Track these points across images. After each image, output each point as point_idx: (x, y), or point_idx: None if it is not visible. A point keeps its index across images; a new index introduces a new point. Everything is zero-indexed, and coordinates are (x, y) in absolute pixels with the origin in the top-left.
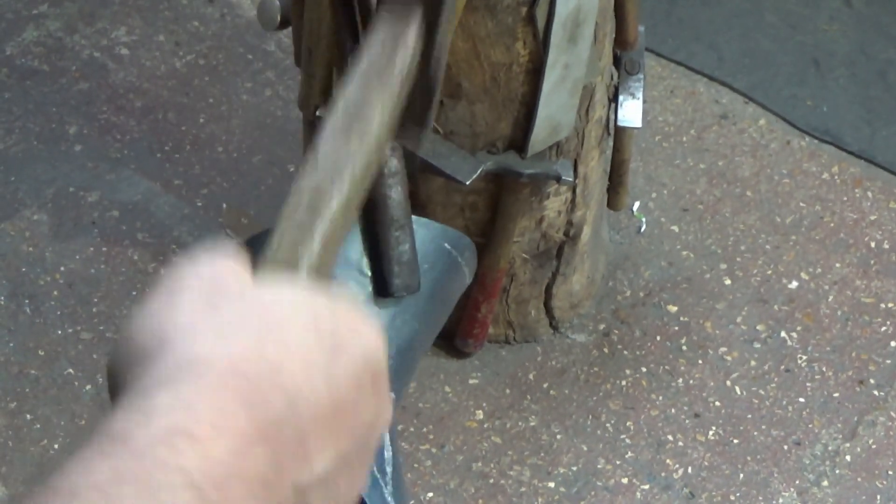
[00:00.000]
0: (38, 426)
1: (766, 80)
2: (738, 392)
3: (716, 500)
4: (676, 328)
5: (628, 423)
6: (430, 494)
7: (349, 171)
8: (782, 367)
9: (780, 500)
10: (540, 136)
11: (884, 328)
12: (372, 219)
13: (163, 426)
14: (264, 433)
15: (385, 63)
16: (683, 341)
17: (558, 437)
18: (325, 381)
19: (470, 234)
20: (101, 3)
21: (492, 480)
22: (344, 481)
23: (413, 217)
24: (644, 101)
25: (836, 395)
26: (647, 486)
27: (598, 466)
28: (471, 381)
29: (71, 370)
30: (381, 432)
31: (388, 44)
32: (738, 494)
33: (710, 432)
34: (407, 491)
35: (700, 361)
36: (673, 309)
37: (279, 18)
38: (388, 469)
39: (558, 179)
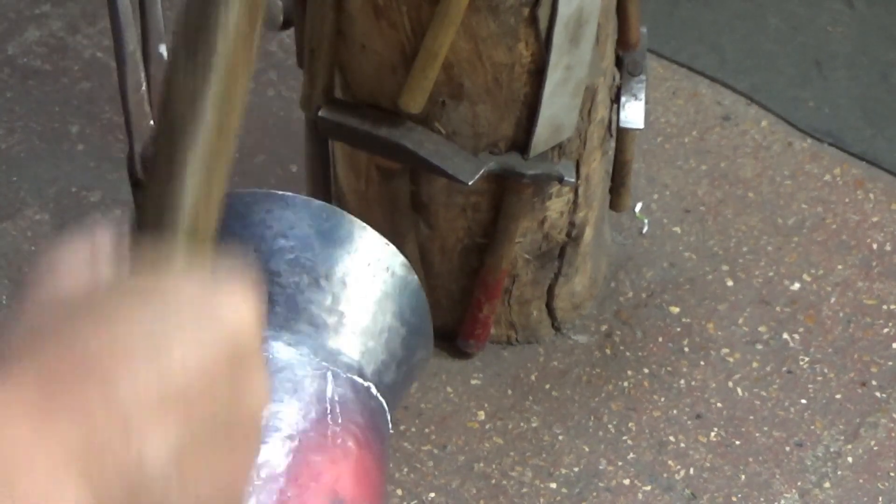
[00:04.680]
0: None
1: (768, 81)
2: (740, 393)
3: (717, 501)
4: (678, 329)
5: (630, 424)
6: (433, 495)
7: (206, 95)
8: (784, 368)
9: (782, 502)
10: (542, 136)
11: (886, 330)
12: None
13: None
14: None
15: None
16: (685, 342)
17: (560, 437)
18: (154, 371)
19: (472, 235)
20: (104, 4)
21: (493, 481)
22: (206, 473)
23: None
24: (646, 103)
25: (837, 396)
26: (648, 488)
27: (600, 467)
28: (473, 382)
29: None
30: (254, 416)
31: None
32: (739, 496)
33: (712, 433)
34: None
35: (702, 362)
36: (675, 310)
37: (281, 19)
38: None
39: (560, 180)
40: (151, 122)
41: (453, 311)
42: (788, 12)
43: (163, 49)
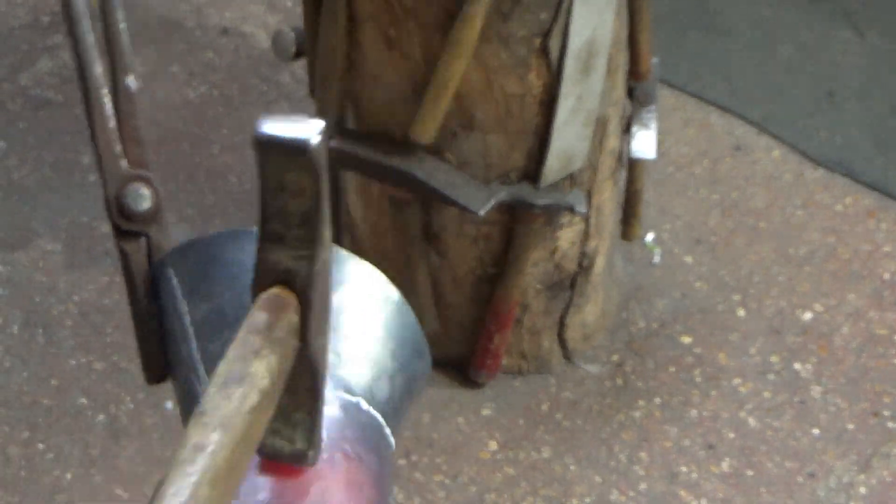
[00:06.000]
0: (51, 456)
1: (780, 111)
2: (752, 423)
3: None
4: (690, 359)
5: (641, 455)
6: None
7: (230, 429)
8: (796, 398)
9: None
10: (553, 166)
11: None
12: None
13: None
14: None
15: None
16: (697, 372)
17: (571, 468)
18: None
19: (483, 265)
20: None
21: None
22: None
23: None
24: (657, 133)
25: (850, 426)
26: None
27: (612, 498)
28: (484, 412)
29: (84, 400)
30: None
31: (263, 326)
32: None
33: (724, 464)
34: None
35: (713, 392)
36: (686, 340)
37: (293, 49)
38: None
39: (571, 210)
40: (124, 163)
41: (465, 342)
42: (799, 43)
43: (131, 82)
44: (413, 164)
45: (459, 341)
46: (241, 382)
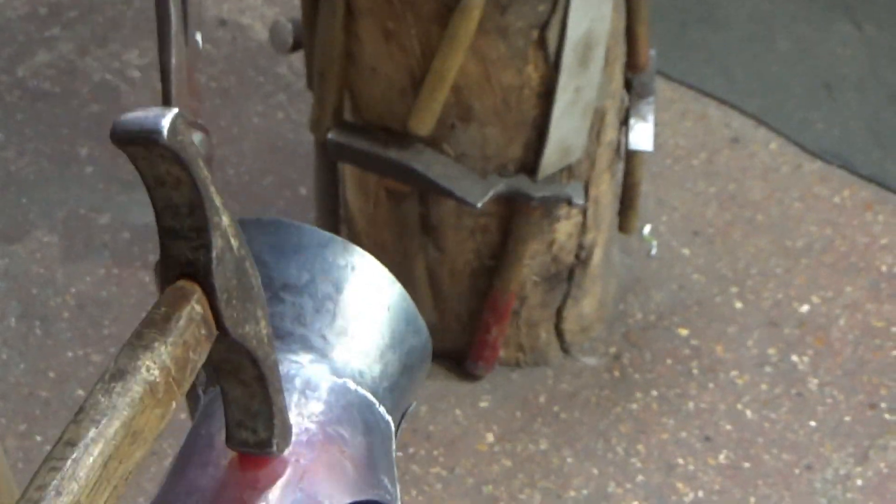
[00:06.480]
0: (48, 449)
1: (778, 103)
2: (749, 416)
3: None
4: (687, 351)
5: (639, 447)
6: None
7: (106, 424)
8: (793, 390)
9: None
10: (551, 158)
11: (895, 352)
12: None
13: None
14: None
15: (160, 330)
16: (694, 365)
17: (569, 460)
18: None
19: (481, 258)
20: (113, 26)
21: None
22: None
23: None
24: (655, 125)
25: (847, 419)
26: None
27: (609, 490)
28: (481, 404)
29: (81, 392)
30: None
31: (166, 315)
32: None
33: (721, 456)
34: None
35: (711, 385)
36: (684, 332)
37: (291, 41)
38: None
39: (569, 202)
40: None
41: (462, 334)
42: (797, 35)
43: (199, 37)
44: (411, 156)
45: (457, 333)
46: (122, 377)
